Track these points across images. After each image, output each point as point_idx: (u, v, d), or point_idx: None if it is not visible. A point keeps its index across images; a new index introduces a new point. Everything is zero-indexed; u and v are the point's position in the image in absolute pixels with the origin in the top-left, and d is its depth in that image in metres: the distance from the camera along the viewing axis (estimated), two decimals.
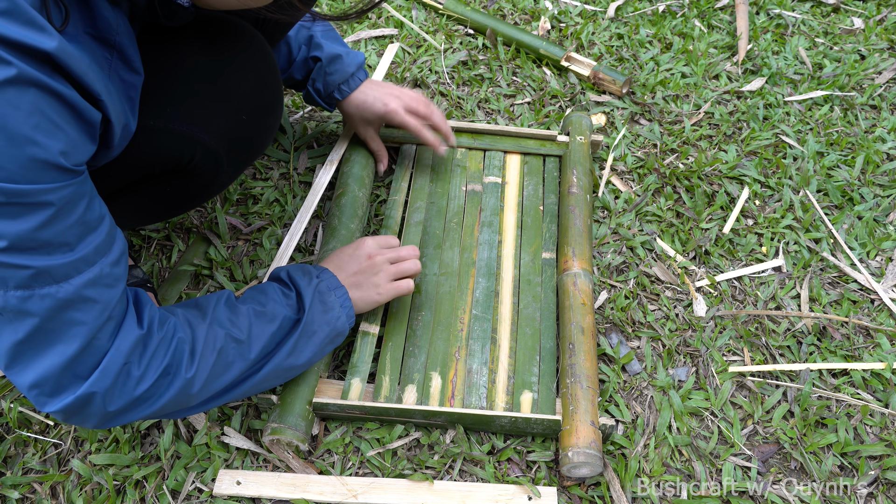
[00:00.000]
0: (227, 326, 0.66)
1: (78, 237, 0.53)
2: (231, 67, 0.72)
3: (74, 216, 0.52)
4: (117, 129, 0.56)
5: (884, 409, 0.88)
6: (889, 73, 1.35)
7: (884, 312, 0.99)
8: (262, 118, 0.77)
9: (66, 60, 0.47)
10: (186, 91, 0.70)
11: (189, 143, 0.70)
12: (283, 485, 0.78)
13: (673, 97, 1.28)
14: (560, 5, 1.47)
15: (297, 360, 0.73)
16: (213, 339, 0.65)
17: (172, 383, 0.61)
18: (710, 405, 0.88)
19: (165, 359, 0.60)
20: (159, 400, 0.61)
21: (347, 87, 0.98)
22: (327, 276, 0.78)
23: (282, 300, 0.72)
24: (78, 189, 0.52)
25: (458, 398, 0.83)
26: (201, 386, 0.63)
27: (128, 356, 0.58)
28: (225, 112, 0.72)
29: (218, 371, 0.65)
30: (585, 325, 0.86)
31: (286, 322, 0.71)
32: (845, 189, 1.13)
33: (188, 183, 0.76)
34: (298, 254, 1.01)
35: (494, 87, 1.28)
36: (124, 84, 0.58)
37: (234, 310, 0.69)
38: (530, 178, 1.08)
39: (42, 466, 0.80)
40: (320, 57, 0.96)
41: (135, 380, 0.59)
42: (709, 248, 1.05)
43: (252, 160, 0.83)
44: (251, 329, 0.68)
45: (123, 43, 0.56)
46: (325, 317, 0.74)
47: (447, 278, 0.94)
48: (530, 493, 0.78)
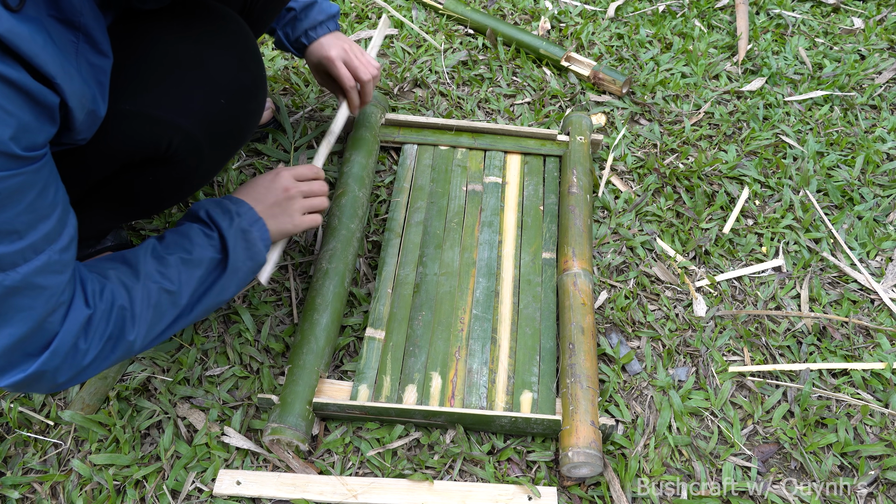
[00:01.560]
0: (159, 280, 0.68)
1: (27, 225, 0.53)
2: (209, 50, 0.71)
3: (23, 204, 0.51)
4: (78, 114, 0.55)
5: (884, 409, 0.88)
6: (889, 73, 1.35)
7: (884, 312, 0.99)
8: (243, 102, 0.76)
9: (16, 42, 0.46)
10: (162, 75, 0.69)
11: (166, 128, 0.69)
12: (283, 485, 0.78)
13: (673, 97, 1.28)
14: (560, 5, 1.47)
15: (225, 295, 0.75)
16: (148, 297, 0.67)
17: (115, 347, 0.64)
18: (710, 405, 0.88)
19: (108, 327, 0.63)
20: (104, 362, 0.64)
21: (315, 33, 0.97)
22: (246, 210, 0.78)
23: (205, 242, 0.73)
24: (30, 177, 0.51)
25: (458, 398, 0.83)
26: (142, 342, 0.66)
27: (77, 335, 0.59)
28: (203, 96, 0.71)
29: (154, 322, 0.67)
30: (585, 325, 0.86)
31: (212, 264, 0.73)
32: (845, 189, 1.13)
33: (170, 170, 0.75)
34: (299, 254, 1.01)
35: (494, 87, 1.28)
36: (93, 68, 0.57)
37: (163, 261, 0.70)
38: (530, 178, 1.08)
39: (42, 466, 0.80)
40: (294, 7, 0.96)
41: (82, 353, 0.61)
42: (709, 248, 1.05)
43: (236, 146, 0.82)
44: (181, 277, 0.70)
45: (89, 25, 0.55)
46: (248, 253, 0.76)
47: (447, 278, 0.94)
48: (530, 493, 0.78)
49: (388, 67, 1.30)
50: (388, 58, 1.33)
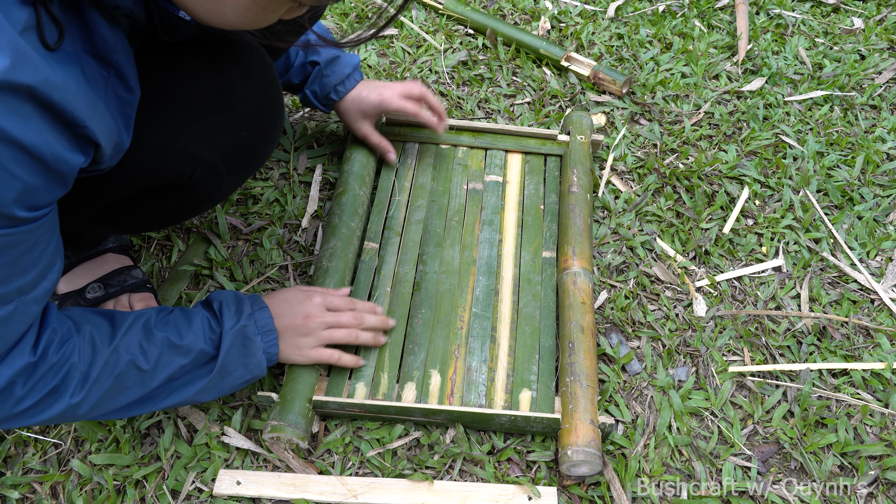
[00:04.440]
0: (134, 353, 0.66)
1: (2, 278, 0.52)
2: (232, 83, 0.72)
3: (4, 260, 0.51)
4: (107, 150, 0.56)
5: (884, 409, 0.88)
6: (889, 73, 1.35)
7: (884, 312, 0.99)
8: (264, 131, 0.77)
9: (48, 92, 0.46)
10: (186, 107, 0.69)
11: (190, 159, 0.69)
12: (283, 485, 0.78)
13: (673, 97, 1.28)
14: (560, 5, 1.47)
15: (205, 395, 0.73)
16: (113, 366, 0.64)
17: (55, 403, 0.62)
18: (710, 405, 0.88)
19: (53, 381, 0.61)
20: (39, 415, 0.62)
21: (343, 87, 0.98)
22: (263, 318, 0.75)
23: (203, 333, 0.71)
24: (20, 237, 0.51)
25: (457, 396, 0.83)
26: (89, 408, 0.64)
27: (12, 378, 0.58)
28: (226, 128, 0.71)
29: (112, 394, 0.65)
30: (585, 323, 0.86)
31: (201, 356, 0.70)
32: (845, 189, 1.13)
33: (188, 196, 0.75)
34: (299, 254, 1.01)
35: (494, 87, 1.28)
36: (120, 101, 0.57)
37: (149, 336, 0.68)
38: (531, 178, 1.08)
39: (42, 466, 0.80)
40: (318, 61, 0.97)
41: (16, 399, 0.59)
42: (709, 248, 1.05)
43: (253, 171, 0.82)
44: (160, 359, 0.67)
45: (121, 61, 0.55)
46: (243, 360, 0.73)
47: (447, 276, 0.94)
48: (530, 493, 0.78)
49: (388, 67, 1.30)
50: (388, 58, 1.33)
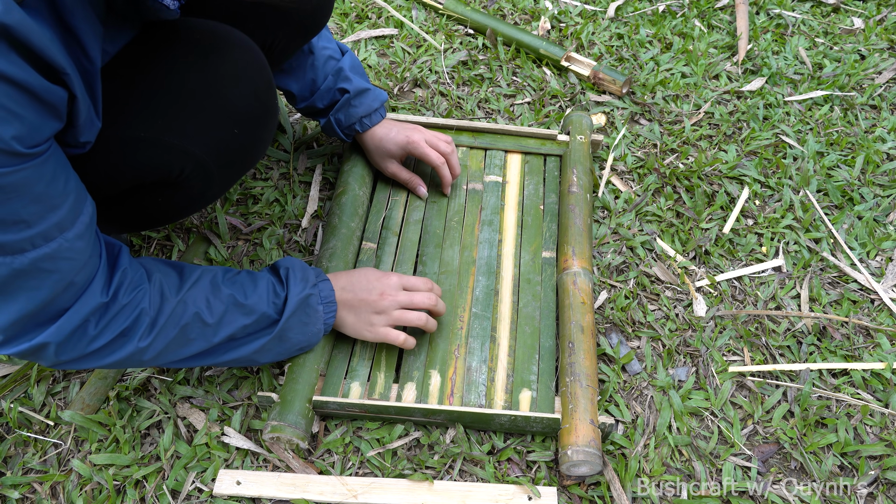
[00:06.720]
0: (200, 307, 0.68)
1: (36, 215, 0.53)
2: (224, 81, 0.71)
3: (30, 196, 0.52)
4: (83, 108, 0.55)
5: (884, 409, 0.88)
6: (889, 73, 1.35)
7: (884, 312, 0.99)
8: (255, 131, 0.77)
9: (26, 33, 0.46)
10: (177, 103, 0.69)
11: (179, 155, 0.69)
12: (283, 485, 0.78)
13: (673, 97, 1.28)
14: (560, 5, 1.47)
15: (262, 357, 0.76)
16: (179, 315, 0.67)
17: (124, 346, 0.64)
18: (710, 405, 0.88)
19: (124, 324, 0.63)
20: (109, 357, 0.64)
21: (369, 120, 0.99)
22: (326, 288, 0.78)
23: (268, 297, 0.73)
24: (35, 171, 0.52)
25: (457, 396, 0.83)
26: (154, 355, 0.67)
27: (86, 317, 0.61)
28: (217, 125, 0.71)
29: (176, 344, 0.68)
30: (585, 323, 0.86)
31: (263, 319, 0.73)
32: (845, 189, 1.13)
33: (178, 194, 0.75)
34: (299, 254, 1.01)
35: (494, 87, 1.28)
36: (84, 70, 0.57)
37: (216, 292, 0.70)
38: (531, 178, 1.08)
39: (42, 466, 0.80)
40: (348, 89, 0.97)
41: (89, 338, 0.62)
42: (709, 248, 1.05)
43: (245, 171, 0.82)
44: (224, 316, 0.70)
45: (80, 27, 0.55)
46: (303, 328, 0.76)
47: (447, 276, 0.94)
48: (530, 493, 0.78)
49: (388, 67, 1.30)
50: (388, 58, 1.33)
